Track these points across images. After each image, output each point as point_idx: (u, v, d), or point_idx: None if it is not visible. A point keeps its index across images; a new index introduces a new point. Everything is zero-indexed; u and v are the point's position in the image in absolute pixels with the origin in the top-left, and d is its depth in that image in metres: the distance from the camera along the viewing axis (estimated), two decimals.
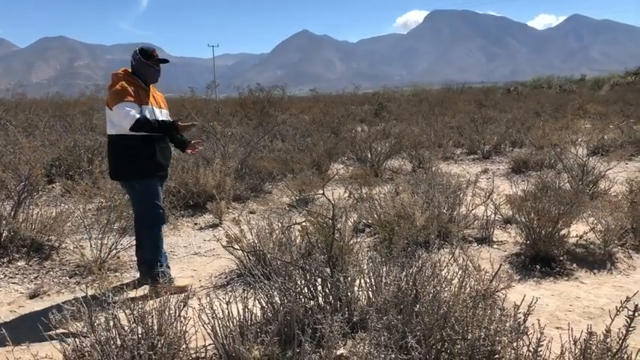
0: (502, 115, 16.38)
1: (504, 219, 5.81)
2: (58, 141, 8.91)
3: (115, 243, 4.78)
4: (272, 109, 18.02)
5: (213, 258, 5.02)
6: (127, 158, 4.00)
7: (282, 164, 8.40)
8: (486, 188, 6.05)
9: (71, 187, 7.24)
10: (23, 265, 4.64)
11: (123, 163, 4.03)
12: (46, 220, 4.95)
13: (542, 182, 6.70)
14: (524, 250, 4.88)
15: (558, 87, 35.77)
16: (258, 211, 6.87)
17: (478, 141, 11.69)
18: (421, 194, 5.58)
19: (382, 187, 7.51)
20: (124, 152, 4.00)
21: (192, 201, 6.86)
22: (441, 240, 5.06)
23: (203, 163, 7.60)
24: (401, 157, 10.41)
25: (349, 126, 14.88)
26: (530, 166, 9.40)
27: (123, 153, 4.00)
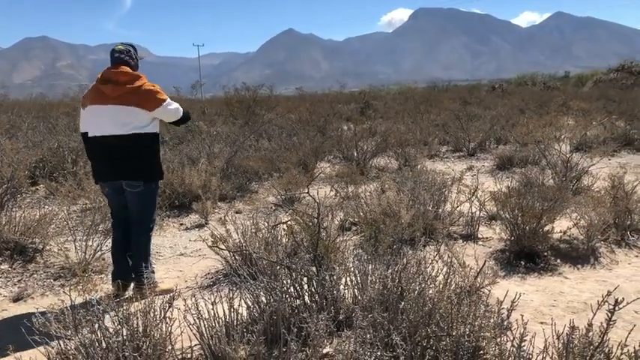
0: (487, 113, 16.48)
1: (489, 215, 5.85)
2: (41, 142, 8.81)
3: (99, 245, 4.74)
4: (258, 108, 17.98)
5: (199, 258, 5.00)
6: (153, 158, 4.00)
7: (268, 163, 8.39)
8: (471, 185, 6.09)
9: (55, 189, 7.18)
10: (6, 268, 4.59)
11: (148, 163, 3.97)
12: (29, 222, 4.89)
13: (526, 179, 6.76)
14: (508, 246, 4.92)
15: (542, 84, 36.06)
16: (244, 210, 6.85)
17: (463, 138, 11.76)
18: (407, 192, 5.60)
19: (368, 185, 7.55)
20: (151, 153, 3.96)
21: (178, 201, 6.83)
22: (426, 237, 5.08)
23: (188, 163, 7.57)
24: (387, 155, 10.44)
25: (335, 124, 14.89)
26: (514, 162, 9.47)
27: (150, 153, 3.96)
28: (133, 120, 3.81)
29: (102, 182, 4.05)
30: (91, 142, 3.90)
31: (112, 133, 3.80)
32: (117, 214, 4.15)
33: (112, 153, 3.85)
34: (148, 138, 3.91)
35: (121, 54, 3.95)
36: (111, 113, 3.78)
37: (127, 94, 3.78)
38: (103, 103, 3.79)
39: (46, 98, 24.30)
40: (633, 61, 34.82)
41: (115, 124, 3.79)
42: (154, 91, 3.89)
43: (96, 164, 4.00)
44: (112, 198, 4.10)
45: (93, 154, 3.98)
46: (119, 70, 3.86)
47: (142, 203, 4.03)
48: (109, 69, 3.91)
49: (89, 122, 3.90)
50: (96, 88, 3.86)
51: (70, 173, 7.58)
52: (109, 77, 3.84)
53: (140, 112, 3.82)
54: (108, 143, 3.82)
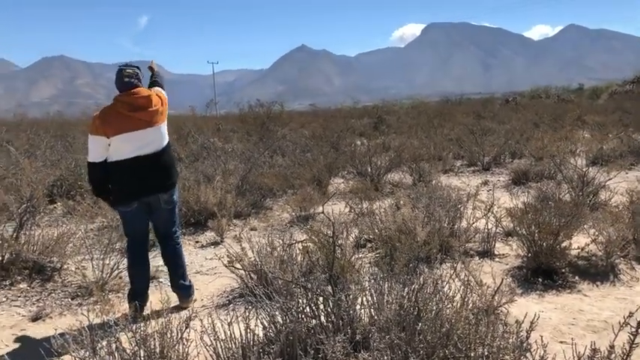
0: (501, 127, 16.42)
1: (505, 231, 5.80)
2: (59, 161, 8.93)
3: (116, 263, 4.77)
4: (272, 124, 18.11)
5: (215, 277, 5.01)
6: (175, 165, 4.31)
7: (282, 180, 8.42)
8: (487, 201, 6.04)
9: (72, 208, 7.27)
10: (25, 287, 4.64)
11: (174, 170, 4.25)
12: (47, 241, 4.95)
13: (542, 194, 6.70)
14: (525, 263, 4.87)
15: (556, 97, 35.86)
16: (259, 228, 6.86)
17: (478, 153, 11.70)
18: (422, 208, 5.58)
19: (383, 201, 7.53)
20: (173, 160, 4.27)
21: (194, 219, 6.87)
22: (442, 254, 5.05)
23: (204, 181, 7.61)
24: (401, 170, 10.42)
25: (349, 140, 14.92)
26: (530, 177, 9.40)
27: (172, 161, 4.27)
28: (164, 134, 4.10)
29: (135, 200, 4.03)
30: (127, 163, 3.92)
31: (153, 151, 3.99)
32: (137, 234, 4.20)
33: (153, 167, 4.01)
34: (169, 145, 4.22)
35: (131, 78, 3.99)
36: (150, 134, 3.96)
37: (157, 115, 4.00)
38: (139, 128, 3.90)
39: (64, 116, 24.64)
40: None
41: (153, 143, 4.00)
42: (165, 99, 4.23)
43: (130, 183, 3.99)
44: (137, 217, 4.13)
45: (128, 173, 3.96)
46: (146, 95, 3.98)
47: (173, 214, 4.29)
48: (130, 95, 3.93)
49: (122, 148, 3.90)
50: (125, 116, 3.87)
51: (87, 192, 7.68)
52: (138, 104, 3.92)
53: (165, 124, 4.13)
54: (148, 160, 3.98)
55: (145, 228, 4.26)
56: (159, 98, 4.09)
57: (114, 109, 3.91)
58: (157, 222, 4.26)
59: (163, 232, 4.30)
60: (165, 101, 4.20)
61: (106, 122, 3.86)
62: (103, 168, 3.96)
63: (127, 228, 4.20)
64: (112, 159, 3.93)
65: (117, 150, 3.90)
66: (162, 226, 4.28)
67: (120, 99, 3.94)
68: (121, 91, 3.98)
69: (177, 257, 4.35)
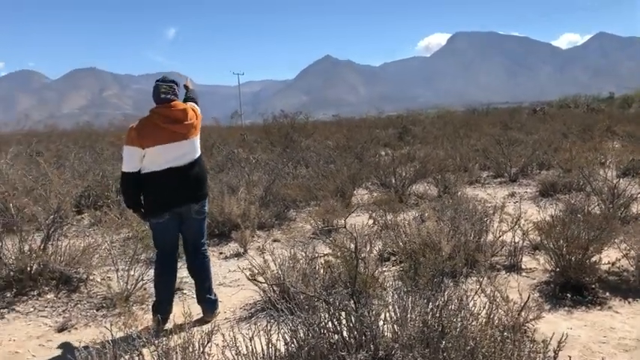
0: (528, 137, 16.18)
1: (533, 245, 5.69)
2: (87, 172, 9.09)
3: (141, 275, 4.81)
4: (296, 135, 18.17)
5: (237, 289, 5.01)
6: (206, 177, 4.40)
7: (305, 191, 8.41)
8: (514, 213, 5.93)
9: (99, 219, 7.37)
10: (52, 297, 4.71)
11: (205, 182, 4.34)
12: (74, 252, 5.02)
13: (570, 207, 6.56)
14: (553, 278, 4.76)
15: (585, 106, 35.22)
16: (282, 239, 6.86)
17: (504, 164, 11.54)
18: (447, 221, 5.51)
19: (407, 213, 7.46)
20: (205, 172, 4.37)
21: (218, 230, 6.90)
22: (468, 268, 4.97)
23: (228, 192, 7.65)
24: (426, 181, 10.33)
25: (373, 150, 14.88)
26: (558, 189, 9.21)
27: (204, 172, 4.36)
28: (197, 147, 4.20)
29: (167, 212, 4.07)
30: (160, 174, 3.98)
31: (186, 162, 4.08)
32: (167, 246, 4.23)
33: (186, 178, 4.08)
34: (201, 157, 4.30)
35: (167, 94, 4.06)
36: (184, 146, 4.05)
37: (191, 128, 4.09)
38: (174, 140, 3.98)
39: (92, 127, 25.13)
40: None
41: (187, 155, 4.08)
42: (199, 113, 4.31)
43: (163, 194, 4.04)
44: (169, 229, 4.16)
45: (162, 185, 4.01)
46: (182, 109, 4.07)
47: (203, 226, 4.36)
48: (167, 108, 4.01)
49: (157, 159, 3.96)
50: (160, 128, 3.94)
51: (113, 202, 7.78)
52: (175, 117, 4.00)
53: (198, 137, 4.24)
54: (181, 171, 4.06)
55: (176, 240, 4.31)
56: (194, 112, 4.18)
57: (150, 121, 3.98)
58: (186, 233, 4.29)
59: (192, 243, 4.33)
60: (200, 116, 4.30)
61: (141, 134, 3.92)
62: (136, 179, 4.02)
63: (158, 240, 4.23)
64: (146, 170, 3.99)
65: (151, 161, 3.96)
66: (191, 237, 4.31)
67: (156, 111, 4.01)
68: (157, 104, 4.06)
69: (205, 271, 4.37)
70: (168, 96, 4.06)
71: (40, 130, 18.52)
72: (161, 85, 4.09)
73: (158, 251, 4.26)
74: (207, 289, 4.34)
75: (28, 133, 18.77)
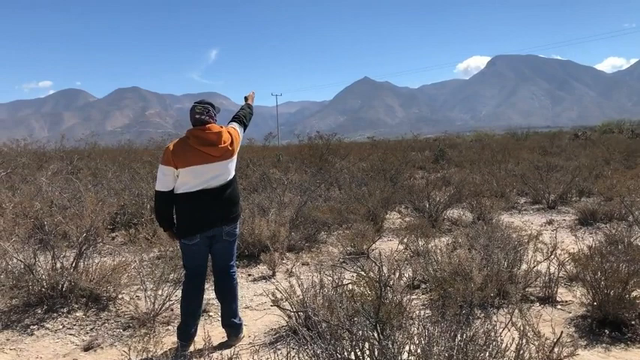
0: (568, 163, 15.79)
1: (569, 276, 5.48)
2: (123, 190, 9.26)
3: (168, 295, 4.82)
4: (330, 156, 18.19)
5: (263, 313, 4.97)
6: (239, 199, 4.38)
7: (336, 214, 8.36)
8: (550, 242, 5.75)
9: (133, 237, 7.48)
10: (81, 315, 4.76)
11: (238, 204, 4.33)
12: (104, 270, 5.08)
13: (610, 237, 6.32)
14: (590, 312, 4.56)
15: (630, 131, 34.26)
16: (311, 263, 6.81)
17: (543, 190, 11.26)
18: (479, 249, 5.36)
19: (440, 239, 7.32)
20: (238, 194, 4.35)
21: (247, 251, 6.90)
22: (500, 299, 4.82)
23: (259, 213, 7.67)
24: (461, 206, 10.16)
25: (408, 173, 14.76)
26: (598, 217, 8.91)
27: (237, 194, 4.34)
28: (231, 169, 4.21)
29: (199, 233, 4.07)
30: (193, 196, 4.00)
31: (219, 184, 4.09)
32: (196, 267, 4.21)
33: (218, 200, 4.08)
34: (235, 179, 4.31)
35: (202, 115, 4.09)
36: (217, 168, 4.06)
37: (226, 151, 4.09)
38: (207, 162, 4.00)
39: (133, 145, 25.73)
40: None
41: (219, 177, 4.09)
42: (238, 136, 4.34)
43: (195, 216, 4.04)
44: (199, 251, 4.15)
45: (194, 206, 4.03)
46: (216, 132, 4.07)
47: (233, 248, 4.33)
48: (201, 130, 4.03)
49: (189, 180, 3.98)
50: (194, 149, 3.97)
51: (147, 221, 7.89)
52: (208, 139, 4.01)
53: (235, 158, 4.26)
54: (214, 192, 4.06)
55: (205, 262, 4.29)
56: (229, 135, 4.17)
57: (185, 142, 4.02)
58: (216, 254, 4.27)
59: (221, 265, 4.30)
60: (237, 137, 4.29)
61: (176, 154, 3.97)
62: (169, 198, 4.05)
63: (187, 261, 4.23)
64: (179, 190, 4.01)
65: (184, 182, 3.99)
66: (220, 259, 4.29)
67: (192, 133, 4.05)
68: (194, 125, 4.10)
69: (232, 294, 4.33)
70: (203, 117, 4.09)
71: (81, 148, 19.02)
72: (196, 106, 4.15)
73: (187, 272, 4.26)
74: (233, 312, 4.30)
75: (71, 150, 19.34)
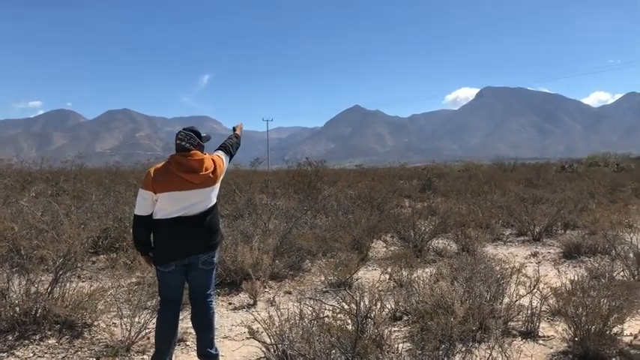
0: (554, 195, 15.89)
1: (552, 310, 5.45)
2: (106, 214, 9.14)
3: (145, 322, 4.72)
4: (319, 183, 18.17)
5: (241, 343, 4.87)
6: (219, 227, 4.30)
7: (321, 242, 8.31)
8: (532, 276, 5.72)
9: (114, 261, 7.37)
10: (54, 343, 4.64)
11: (217, 232, 4.24)
12: (80, 296, 4.97)
13: (592, 272, 6.32)
14: (572, 348, 4.53)
15: (615, 165, 34.72)
16: (294, 291, 6.73)
17: (528, 222, 11.29)
18: (462, 282, 5.33)
19: (424, 269, 7.28)
20: (217, 222, 4.28)
21: (229, 278, 6.81)
22: (481, 333, 4.77)
23: (243, 240, 7.59)
24: (446, 236, 10.14)
25: (395, 202, 14.76)
26: (582, 251, 8.93)
27: (217, 222, 4.26)
28: (212, 196, 4.15)
29: (174, 261, 4.00)
30: (171, 222, 3.94)
31: (199, 212, 4.03)
32: (171, 295, 4.13)
33: (197, 228, 4.02)
34: (216, 206, 4.22)
35: (182, 141, 4.07)
36: (197, 195, 4.00)
37: (207, 179, 4.03)
38: (187, 188, 3.94)
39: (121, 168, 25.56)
40: None
41: (201, 203, 4.03)
42: (222, 164, 4.29)
43: (171, 243, 3.98)
44: (175, 278, 4.08)
45: (171, 234, 3.97)
46: (198, 159, 4.03)
47: (211, 276, 4.23)
48: (184, 156, 4.00)
49: (167, 206, 3.94)
50: (174, 175, 3.92)
51: (129, 245, 7.78)
52: (190, 166, 3.96)
53: (217, 186, 4.21)
54: (193, 220, 4.00)
55: (181, 290, 4.20)
56: (212, 162, 4.13)
57: (167, 168, 3.98)
58: (193, 282, 4.19)
59: (198, 294, 4.21)
60: (221, 165, 4.24)
61: (156, 179, 3.93)
62: (147, 223, 4.00)
63: (163, 288, 4.15)
64: (157, 216, 3.96)
65: (162, 207, 3.94)
66: (197, 288, 4.20)
67: (173, 159, 4.02)
68: (177, 151, 4.08)
69: (208, 323, 4.22)
70: (184, 143, 4.06)
71: (69, 168, 18.81)
72: (180, 132, 4.14)
73: (162, 299, 4.18)
74: (210, 342, 4.20)
75: (58, 172, 19.14)
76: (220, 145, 4.59)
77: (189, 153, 4.03)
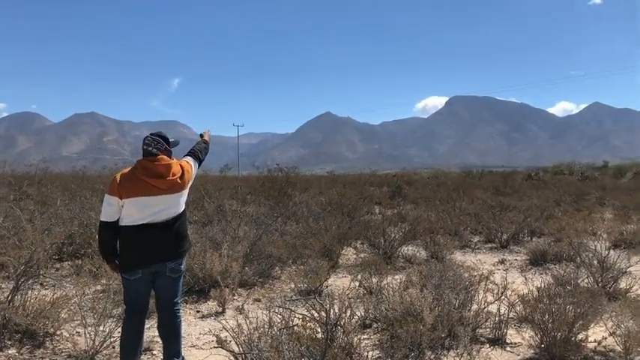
0: (521, 203, 16.17)
1: (519, 317, 5.51)
2: (71, 220, 8.92)
3: (110, 331, 4.61)
4: (290, 189, 18.11)
5: (209, 352, 4.79)
6: (187, 234, 4.22)
7: (291, 249, 8.26)
8: (501, 283, 5.79)
9: (79, 268, 7.19)
10: (14, 353, 4.49)
11: (185, 239, 4.16)
12: (42, 305, 4.82)
13: (558, 279, 6.43)
14: (538, 355, 4.59)
15: (580, 173, 35.58)
16: (263, 299, 6.66)
17: (495, 229, 11.45)
18: (431, 289, 5.36)
19: (394, 276, 7.30)
20: (185, 229, 4.19)
21: (198, 286, 6.71)
22: (450, 340, 4.79)
23: (211, 247, 7.49)
24: (416, 243, 10.20)
25: (365, 208, 14.80)
26: (548, 258, 9.08)
27: (184, 230, 4.18)
28: (180, 203, 4.07)
29: (141, 269, 3.93)
30: (137, 229, 3.87)
31: (166, 218, 3.95)
32: (136, 303, 4.05)
33: (163, 235, 3.95)
34: (184, 213, 4.16)
35: (149, 146, 4.01)
36: (164, 201, 3.93)
37: (175, 184, 3.96)
38: (153, 194, 3.87)
39: (87, 172, 25.02)
40: None
41: (166, 211, 3.96)
42: (190, 169, 4.21)
43: (137, 251, 3.91)
44: (140, 286, 4.01)
45: (136, 241, 3.90)
46: (165, 164, 3.96)
47: (178, 284, 4.16)
48: (150, 161, 3.93)
49: (133, 212, 3.87)
50: (140, 180, 3.85)
51: (94, 252, 7.60)
52: (156, 171, 3.90)
53: (186, 192, 4.13)
54: (159, 227, 3.92)
55: (146, 298, 4.13)
56: (180, 168, 4.06)
57: (133, 173, 3.92)
58: (159, 291, 4.12)
59: (165, 302, 4.14)
60: (189, 171, 4.17)
61: (121, 184, 3.86)
62: (112, 229, 3.92)
63: (128, 296, 4.06)
64: (123, 223, 3.90)
65: (128, 214, 3.87)
66: (164, 296, 4.13)
67: (140, 164, 3.96)
68: (144, 156, 4.00)
69: (175, 332, 4.16)
70: (150, 148, 3.99)
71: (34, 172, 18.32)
72: (147, 137, 4.07)
73: (127, 307, 4.09)
74: (176, 351, 4.13)
75: (21, 176, 18.63)
76: (189, 151, 4.53)
77: (155, 158, 3.97)
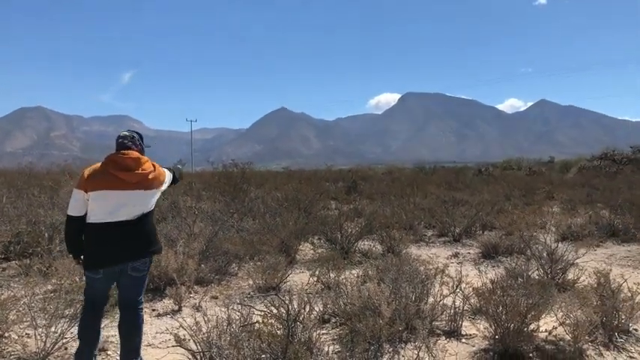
0: (473, 197, 16.55)
1: (473, 309, 5.65)
2: (19, 217, 8.59)
3: (62, 332, 4.46)
4: (245, 185, 17.97)
5: (167, 351, 4.71)
6: (155, 233, 4.14)
7: (248, 246, 8.20)
8: (455, 276, 5.91)
9: (28, 267, 6.93)
10: None
11: (152, 238, 4.08)
12: None
13: (510, 271, 6.61)
14: (492, 346, 4.71)
15: (528, 168, 36.70)
16: (221, 296, 6.59)
17: (449, 224, 11.68)
18: (388, 283, 5.42)
19: (352, 270, 7.36)
20: (152, 228, 4.11)
21: (152, 284, 6.57)
22: (408, 333, 4.86)
23: (166, 244, 7.35)
24: (372, 238, 10.30)
25: (322, 204, 14.84)
26: (500, 251, 9.34)
27: (151, 229, 4.10)
28: (151, 200, 4.02)
29: (104, 268, 3.84)
30: (101, 227, 3.78)
31: (131, 217, 3.86)
32: (96, 298, 3.95)
33: (127, 235, 3.86)
34: (152, 213, 4.10)
35: (125, 139, 3.98)
36: (131, 197, 3.83)
37: (144, 179, 3.87)
38: (120, 188, 3.77)
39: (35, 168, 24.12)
40: (615, 150, 35.68)
41: (134, 207, 3.87)
42: (164, 175, 4.15)
43: (102, 249, 3.81)
44: (103, 285, 3.94)
45: (99, 239, 3.81)
46: (136, 157, 3.89)
47: (142, 284, 4.09)
48: (119, 155, 3.86)
49: (97, 207, 3.77)
50: (108, 174, 3.77)
51: (44, 251, 7.35)
52: (124, 164, 3.81)
53: (157, 191, 4.08)
54: (124, 226, 3.84)
55: (106, 294, 4.05)
56: (153, 167, 3.99)
57: (101, 166, 3.84)
58: (122, 289, 4.04)
59: (127, 300, 4.05)
60: (163, 174, 4.12)
61: (89, 177, 3.79)
62: (79, 225, 3.84)
63: (89, 291, 3.97)
64: (89, 220, 3.81)
65: (92, 209, 3.78)
66: (126, 294, 4.05)
67: (110, 157, 3.87)
68: (116, 150, 3.94)
69: (136, 331, 4.06)
70: (126, 142, 3.97)
71: None
72: (123, 132, 4.10)
73: (85, 301, 3.98)
74: (135, 351, 4.04)
75: None
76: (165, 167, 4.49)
77: (125, 151, 3.90)
